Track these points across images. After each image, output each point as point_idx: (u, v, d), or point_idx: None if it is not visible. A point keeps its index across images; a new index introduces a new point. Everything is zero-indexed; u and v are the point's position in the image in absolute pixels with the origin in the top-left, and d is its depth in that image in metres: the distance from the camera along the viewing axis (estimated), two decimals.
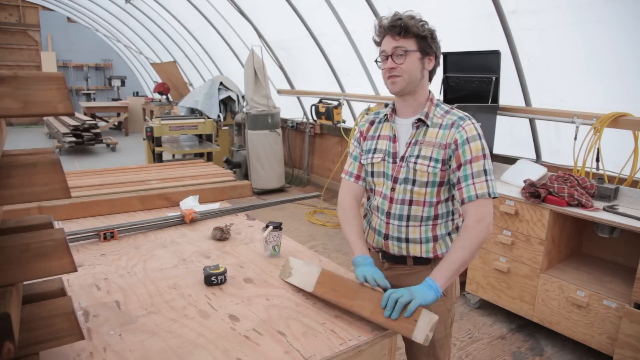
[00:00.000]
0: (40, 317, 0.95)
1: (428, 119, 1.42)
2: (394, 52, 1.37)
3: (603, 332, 2.37)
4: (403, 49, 1.35)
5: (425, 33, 1.36)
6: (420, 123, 1.42)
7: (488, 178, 1.35)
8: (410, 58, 1.36)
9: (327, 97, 5.64)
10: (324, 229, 4.64)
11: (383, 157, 1.47)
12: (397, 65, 1.37)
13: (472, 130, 1.36)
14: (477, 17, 3.40)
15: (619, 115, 2.72)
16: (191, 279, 1.50)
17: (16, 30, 13.27)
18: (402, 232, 1.45)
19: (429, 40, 1.37)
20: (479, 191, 1.34)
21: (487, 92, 3.32)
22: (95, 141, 8.78)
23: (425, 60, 1.39)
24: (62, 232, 0.94)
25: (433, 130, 1.41)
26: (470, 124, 1.38)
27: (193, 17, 7.63)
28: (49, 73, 0.82)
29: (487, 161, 1.36)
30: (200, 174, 2.71)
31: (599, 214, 2.40)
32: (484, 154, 1.36)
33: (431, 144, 1.40)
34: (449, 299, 1.50)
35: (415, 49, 1.36)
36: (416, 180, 1.41)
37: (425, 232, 1.44)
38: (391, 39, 1.37)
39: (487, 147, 1.38)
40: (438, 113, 1.43)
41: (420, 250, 1.45)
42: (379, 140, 1.50)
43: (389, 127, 1.49)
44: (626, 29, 2.67)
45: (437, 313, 1.30)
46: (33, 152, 0.89)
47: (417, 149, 1.41)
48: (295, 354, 1.10)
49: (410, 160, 1.41)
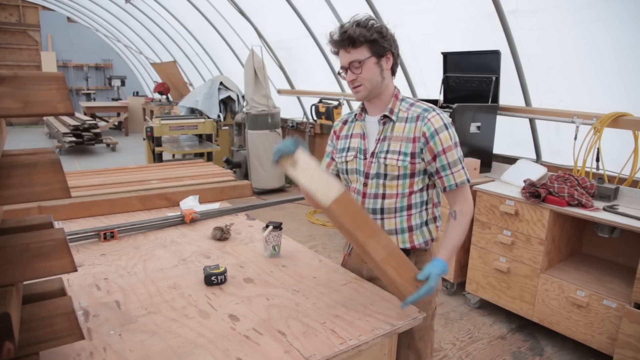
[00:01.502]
0: (40, 317, 0.95)
1: (393, 114, 1.47)
2: (350, 65, 1.41)
3: (603, 332, 2.37)
4: (357, 60, 1.39)
5: (374, 36, 1.38)
6: (386, 119, 1.48)
7: (462, 164, 1.44)
8: (367, 66, 1.40)
9: (327, 97, 5.64)
10: (324, 229, 4.64)
11: (355, 155, 1.52)
12: (356, 76, 1.42)
13: (438, 120, 1.41)
14: (477, 17, 3.40)
15: (619, 115, 2.72)
16: (191, 279, 1.50)
17: (16, 30, 13.28)
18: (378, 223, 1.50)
19: (380, 41, 1.39)
20: (457, 180, 1.43)
21: (487, 92, 3.32)
22: (95, 141, 8.78)
23: (382, 62, 1.43)
24: (62, 232, 0.94)
25: (400, 124, 1.46)
26: (435, 114, 1.42)
27: (193, 17, 7.63)
28: (49, 73, 0.82)
29: (458, 149, 1.44)
30: (200, 174, 2.71)
31: (599, 214, 2.40)
32: (454, 142, 1.42)
33: (399, 139, 1.44)
34: None
35: (369, 55, 1.40)
36: (387, 174, 1.45)
37: (400, 222, 1.49)
38: (344, 52, 1.41)
39: (455, 135, 1.44)
40: (403, 107, 1.48)
41: (397, 241, 1.49)
42: (351, 139, 1.56)
43: (359, 125, 1.55)
44: (626, 29, 2.67)
45: (418, 305, 1.36)
46: (33, 152, 0.88)
47: (386, 144, 1.46)
48: (295, 354, 1.10)
49: (380, 156, 1.46)
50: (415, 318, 1.30)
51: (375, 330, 1.22)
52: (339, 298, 1.40)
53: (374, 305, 1.36)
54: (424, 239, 1.51)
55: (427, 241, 1.52)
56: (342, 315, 1.30)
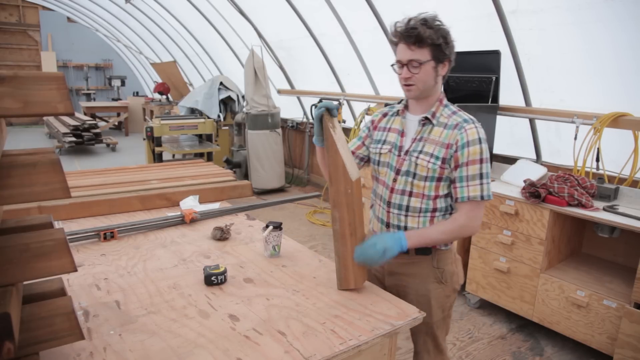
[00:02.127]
0: (40, 317, 0.95)
1: (434, 118, 1.49)
2: (409, 63, 1.41)
3: (603, 332, 2.37)
4: (418, 61, 1.39)
5: (440, 41, 1.38)
6: (427, 121, 1.50)
7: (483, 181, 1.42)
8: (425, 68, 1.41)
9: (327, 97, 5.63)
10: (324, 229, 4.64)
11: (390, 149, 1.55)
12: (412, 75, 1.42)
13: (474, 134, 1.42)
14: (477, 17, 3.40)
15: (619, 115, 2.72)
16: (191, 279, 1.50)
17: (16, 30, 13.27)
18: (401, 220, 1.53)
19: (443, 46, 1.40)
20: (471, 193, 1.42)
21: (487, 92, 3.32)
22: (95, 141, 8.77)
23: (439, 67, 1.44)
24: (62, 232, 0.94)
25: (438, 129, 1.48)
26: (473, 127, 1.43)
27: (193, 17, 7.63)
28: (49, 73, 0.82)
29: (485, 165, 1.42)
30: (200, 174, 2.71)
31: (599, 214, 2.40)
32: (482, 157, 1.42)
33: (434, 142, 1.46)
34: (448, 286, 1.58)
35: (429, 58, 1.40)
36: (416, 173, 1.48)
37: (423, 222, 1.52)
38: (406, 48, 1.40)
39: (487, 151, 1.43)
40: (445, 113, 1.49)
41: None
42: (389, 132, 1.59)
43: (399, 121, 1.57)
44: (626, 29, 2.67)
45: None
46: (33, 152, 0.88)
47: (420, 144, 1.49)
48: (295, 354, 1.10)
49: (413, 155, 1.49)
50: (415, 318, 1.31)
51: (375, 330, 1.22)
52: (339, 298, 1.40)
53: (374, 305, 1.36)
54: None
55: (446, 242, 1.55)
56: (342, 315, 1.30)
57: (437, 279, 1.56)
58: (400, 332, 1.29)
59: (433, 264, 1.55)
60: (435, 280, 1.56)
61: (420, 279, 1.56)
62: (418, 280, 1.57)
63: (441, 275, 1.56)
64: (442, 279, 1.56)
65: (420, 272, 1.57)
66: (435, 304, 1.57)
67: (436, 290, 1.56)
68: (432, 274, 1.56)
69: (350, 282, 1.43)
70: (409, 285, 1.59)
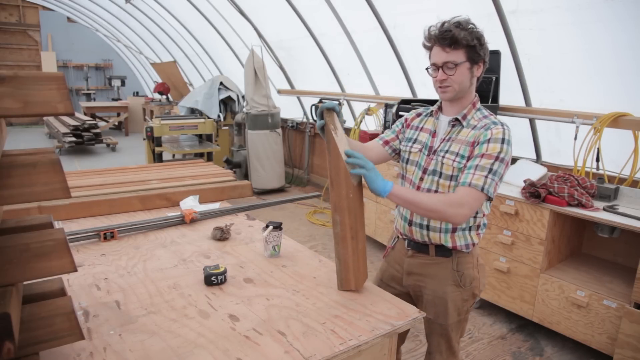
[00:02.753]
0: (40, 317, 0.95)
1: (465, 120, 1.49)
2: (444, 65, 1.42)
3: (603, 332, 2.37)
4: (453, 62, 1.40)
5: (474, 42, 1.40)
6: (457, 122, 1.50)
7: (489, 176, 1.38)
8: (460, 69, 1.41)
9: (327, 97, 5.63)
10: (324, 229, 4.64)
11: (420, 149, 1.57)
12: (447, 77, 1.43)
13: (499, 133, 1.41)
14: (477, 17, 3.34)
15: (619, 115, 2.72)
16: (191, 279, 1.50)
17: (16, 30, 13.27)
18: (424, 219, 1.53)
19: (477, 48, 1.41)
20: (474, 181, 1.38)
21: (487, 92, 3.32)
22: (95, 141, 8.77)
23: (474, 68, 1.45)
24: (62, 232, 0.94)
25: (466, 130, 1.48)
26: (500, 128, 1.42)
27: (193, 17, 7.63)
28: (49, 73, 0.82)
29: (499, 163, 1.39)
30: (200, 174, 2.71)
31: (599, 214, 2.40)
32: (499, 156, 1.39)
33: (461, 142, 1.47)
34: (466, 290, 1.57)
35: (465, 59, 1.41)
36: (442, 173, 1.48)
37: (445, 222, 1.50)
38: (441, 50, 1.41)
39: (507, 152, 1.40)
40: (477, 116, 1.50)
41: (439, 238, 1.53)
42: (420, 132, 1.60)
43: (432, 122, 1.59)
44: (626, 29, 2.67)
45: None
46: (33, 152, 0.88)
47: (448, 144, 1.50)
48: (295, 354, 1.10)
49: (440, 154, 1.50)
50: (415, 318, 1.30)
51: (375, 330, 1.22)
52: (339, 298, 1.40)
53: (374, 305, 1.36)
54: (466, 242, 1.53)
55: (468, 244, 1.54)
56: (342, 315, 1.30)
57: (456, 282, 1.55)
58: (400, 330, 1.28)
59: (453, 267, 1.55)
60: (454, 283, 1.55)
61: (439, 280, 1.56)
62: (436, 282, 1.57)
63: (460, 278, 1.55)
64: (461, 283, 1.55)
65: (438, 274, 1.56)
66: (451, 307, 1.56)
67: (453, 293, 1.56)
68: (451, 276, 1.55)
69: (351, 284, 1.43)
70: (426, 286, 1.59)
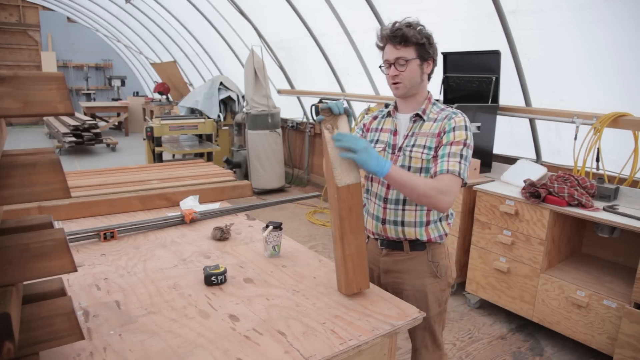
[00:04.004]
0: (40, 317, 0.95)
1: (425, 115, 1.57)
2: (395, 61, 1.50)
3: (603, 332, 2.37)
4: (404, 58, 1.49)
5: (423, 40, 1.49)
6: (417, 117, 1.58)
7: (462, 161, 1.47)
8: (411, 65, 1.50)
9: (327, 97, 5.63)
10: (324, 229, 4.64)
11: (384, 148, 1.61)
12: (399, 73, 1.51)
13: (461, 121, 1.51)
14: (477, 17, 3.40)
15: (619, 115, 2.72)
16: (191, 279, 1.50)
17: (16, 30, 13.28)
18: (398, 215, 1.58)
19: (427, 46, 1.50)
20: (450, 167, 1.46)
21: (487, 92, 3.32)
22: (95, 141, 8.78)
23: (424, 65, 1.54)
24: (62, 232, 0.94)
25: (428, 123, 1.56)
26: (460, 117, 1.52)
27: (193, 17, 7.63)
28: (49, 73, 0.82)
29: (466, 149, 1.49)
30: (200, 174, 2.71)
31: (599, 214, 2.40)
32: (466, 142, 1.49)
33: (425, 134, 1.54)
34: (442, 280, 1.64)
35: (415, 56, 1.50)
36: (411, 166, 1.54)
37: (420, 216, 1.57)
38: (393, 47, 1.50)
39: (471, 139, 1.50)
40: (434, 110, 1.59)
41: (414, 232, 1.58)
42: (381, 132, 1.65)
43: (390, 121, 1.65)
44: (626, 29, 2.67)
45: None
46: (33, 152, 0.88)
47: (413, 139, 1.56)
48: (295, 354, 1.10)
49: (407, 150, 1.56)
50: (415, 318, 1.30)
51: (375, 331, 1.22)
52: (339, 298, 1.40)
53: (373, 305, 1.36)
54: (439, 233, 1.60)
55: (441, 235, 1.61)
56: (342, 315, 1.30)
57: (433, 273, 1.61)
58: (400, 332, 1.29)
59: (428, 258, 1.61)
60: (431, 275, 1.61)
61: (416, 274, 1.62)
62: (414, 276, 1.62)
63: (436, 269, 1.61)
64: (437, 273, 1.62)
65: (415, 268, 1.62)
66: (431, 299, 1.62)
67: (432, 285, 1.62)
68: (428, 268, 1.61)
69: (341, 286, 1.40)
70: (405, 282, 1.63)
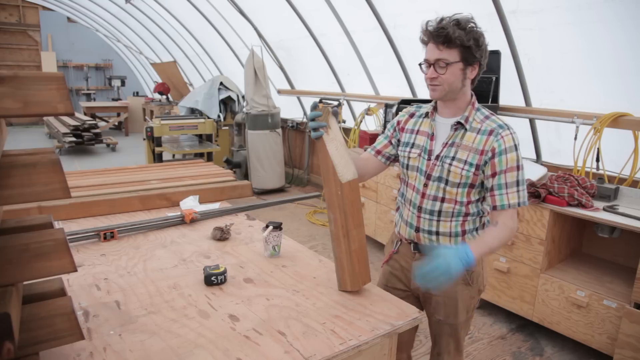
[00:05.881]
0: (40, 317, 0.95)
1: (467, 123, 1.45)
2: (436, 63, 1.38)
3: (603, 332, 2.37)
4: (445, 61, 1.36)
5: (470, 43, 1.35)
6: (459, 126, 1.46)
7: (520, 189, 1.42)
8: (452, 69, 1.38)
9: (327, 97, 5.63)
10: (324, 229, 4.64)
11: (420, 153, 1.52)
12: (438, 75, 1.39)
13: (510, 140, 1.41)
14: (477, 17, 3.33)
15: (619, 115, 2.72)
16: (191, 279, 1.50)
17: (16, 30, 13.27)
18: (432, 225, 1.52)
19: (474, 49, 1.37)
20: (511, 201, 1.41)
21: (487, 92, 3.32)
22: (95, 141, 8.77)
23: (468, 70, 1.41)
24: (62, 232, 0.94)
25: (471, 134, 1.44)
26: (509, 134, 1.41)
27: (193, 17, 7.63)
28: (49, 73, 0.81)
29: (521, 172, 1.43)
30: (200, 174, 2.71)
31: (599, 214, 2.40)
32: (519, 165, 1.42)
33: (468, 148, 1.43)
34: (474, 288, 1.57)
35: (458, 60, 1.37)
36: (449, 180, 1.46)
37: (455, 227, 1.51)
38: (435, 47, 1.38)
39: (521, 157, 1.44)
40: (478, 118, 1.46)
41: (449, 241, 1.53)
42: (417, 135, 1.55)
43: (428, 124, 1.53)
44: (626, 29, 2.67)
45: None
46: (33, 152, 0.88)
47: (453, 150, 1.45)
48: (295, 354, 1.10)
49: (446, 161, 1.46)
50: (415, 318, 1.30)
51: (375, 331, 1.22)
52: (339, 298, 1.40)
53: (373, 305, 1.36)
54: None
55: None
56: (342, 315, 1.30)
57: (465, 280, 1.54)
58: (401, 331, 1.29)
59: None
60: (463, 282, 1.55)
61: None
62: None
63: (469, 276, 1.55)
64: (470, 280, 1.55)
65: None
66: (461, 306, 1.57)
67: (463, 292, 1.56)
68: (461, 275, 1.49)
69: (347, 284, 1.41)
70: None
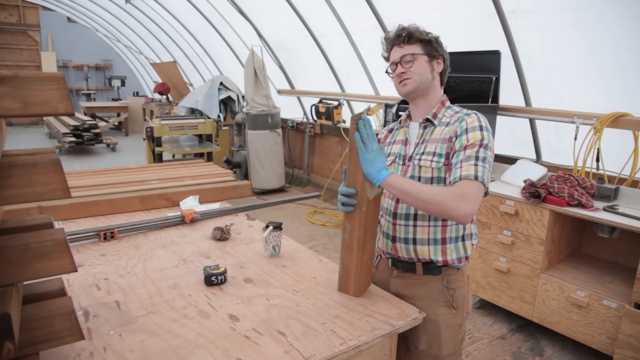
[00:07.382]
0: (40, 317, 0.95)
1: (435, 119, 1.43)
2: (401, 59, 1.40)
3: (603, 332, 2.37)
4: (410, 54, 1.39)
5: (430, 37, 1.41)
6: (428, 123, 1.44)
7: (478, 163, 1.28)
8: (419, 61, 1.39)
9: (327, 97, 5.64)
10: (324, 229, 4.64)
11: (394, 160, 1.47)
12: (406, 70, 1.40)
13: (474, 121, 1.34)
14: (477, 17, 3.40)
15: (619, 115, 2.72)
16: (191, 279, 1.50)
17: (16, 30, 13.28)
18: (409, 232, 1.41)
19: (434, 44, 1.41)
20: (463, 172, 1.28)
21: (487, 92, 3.31)
22: (95, 141, 8.78)
23: (434, 63, 1.42)
24: (62, 232, 0.94)
25: (440, 128, 1.41)
26: (474, 116, 1.36)
27: (193, 17, 7.63)
28: (49, 73, 0.81)
29: (483, 149, 1.30)
30: (200, 174, 2.71)
31: (599, 214, 2.40)
32: (482, 143, 1.31)
33: (435, 140, 1.39)
34: (459, 312, 1.44)
35: (422, 52, 1.40)
36: (421, 176, 1.39)
37: (433, 232, 1.40)
38: (398, 48, 1.42)
39: (489, 139, 1.33)
40: (448, 114, 1.44)
41: (428, 252, 1.40)
42: (393, 145, 1.53)
43: (403, 132, 1.51)
44: (626, 29, 2.67)
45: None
46: (33, 152, 0.88)
47: (423, 147, 1.42)
48: (295, 354, 1.10)
49: (416, 158, 1.41)
50: (415, 318, 1.30)
51: (375, 331, 1.22)
52: (339, 298, 1.40)
53: (374, 305, 1.36)
54: (458, 255, 1.41)
55: (460, 258, 1.41)
56: (342, 315, 1.30)
57: (448, 302, 1.41)
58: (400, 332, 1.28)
59: (442, 284, 1.41)
60: (445, 304, 1.41)
61: (428, 301, 1.41)
62: (426, 304, 1.41)
63: (452, 297, 1.41)
64: (454, 303, 1.41)
65: (428, 294, 1.42)
66: (446, 334, 1.41)
67: (446, 316, 1.41)
68: (442, 296, 1.41)
69: (350, 290, 1.41)
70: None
